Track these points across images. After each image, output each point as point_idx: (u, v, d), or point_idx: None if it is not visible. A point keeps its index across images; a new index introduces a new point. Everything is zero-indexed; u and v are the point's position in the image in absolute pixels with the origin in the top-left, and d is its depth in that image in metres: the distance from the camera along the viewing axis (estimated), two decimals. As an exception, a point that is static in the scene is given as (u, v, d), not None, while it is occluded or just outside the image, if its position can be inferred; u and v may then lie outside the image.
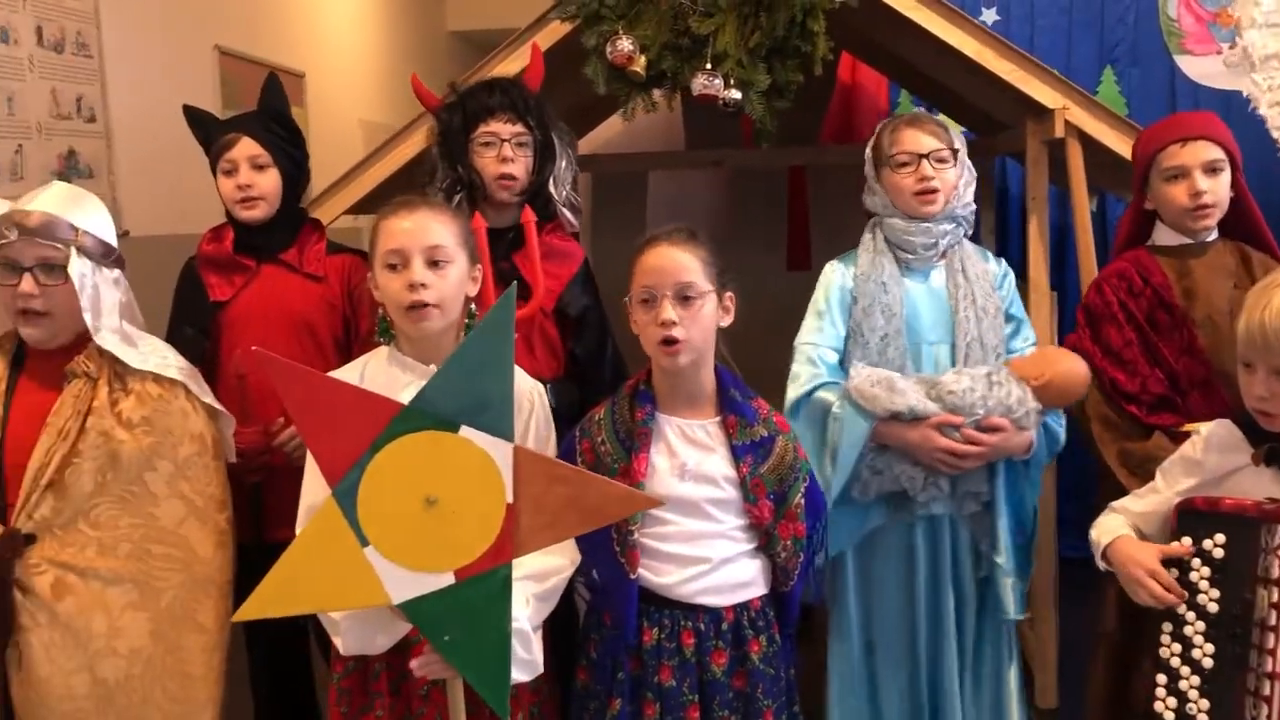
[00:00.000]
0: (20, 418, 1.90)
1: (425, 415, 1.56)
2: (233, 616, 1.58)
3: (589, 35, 2.70)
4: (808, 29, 2.64)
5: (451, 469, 1.57)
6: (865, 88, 4.58)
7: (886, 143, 2.37)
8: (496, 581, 1.60)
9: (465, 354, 1.59)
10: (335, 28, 5.79)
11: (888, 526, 2.35)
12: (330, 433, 1.56)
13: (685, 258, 1.90)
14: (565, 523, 1.63)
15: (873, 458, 2.29)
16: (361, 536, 1.57)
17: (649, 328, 1.91)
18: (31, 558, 1.84)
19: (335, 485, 1.56)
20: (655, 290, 1.90)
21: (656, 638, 1.93)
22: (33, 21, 3.38)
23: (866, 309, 2.35)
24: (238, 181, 2.41)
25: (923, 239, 2.35)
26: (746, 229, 4.71)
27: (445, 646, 1.62)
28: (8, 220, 1.85)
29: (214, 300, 2.44)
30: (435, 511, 1.57)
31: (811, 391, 2.33)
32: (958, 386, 2.23)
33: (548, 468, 1.63)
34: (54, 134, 3.48)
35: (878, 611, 2.40)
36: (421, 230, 1.84)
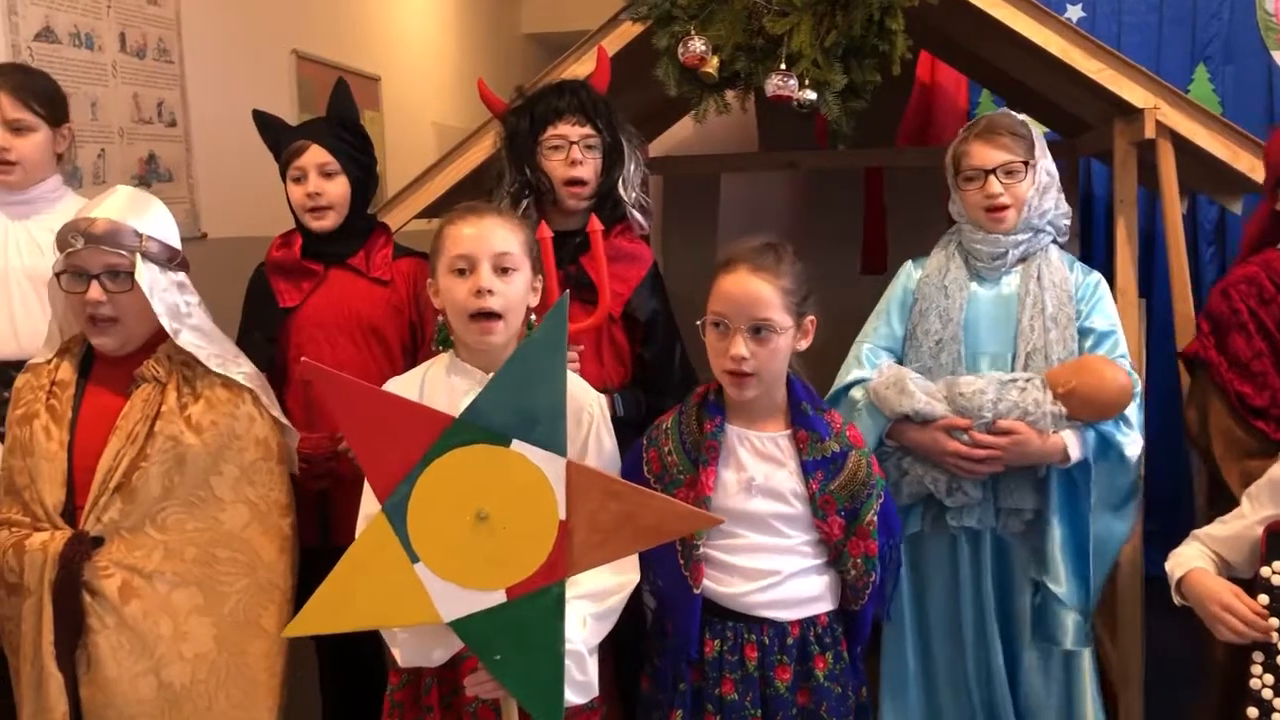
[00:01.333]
0: (89, 422, 1.91)
1: (476, 428, 1.54)
2: (284, 631, 1.56)
3: (660, 36, 2.66)
4: (886, 27, 2.57)
5: (503, 484, 1.55)
6: (944, 87, 4.48)
7: (955, 155, 2.31)
8: (549, 600, 1.57)
9: (516, 366, 1.56)
10: (411, 31, 5.84)
11: (930, 535, 2.28)
12: (380, 446, 1.54)
13: (765, 290, 1.83)
14: (620, 541, 1.59)
15: (898, 459, 2.24)
16: (412, 552, 1.55)
17: (718, 356, 1.87)
18: (100, 560, 1.85)
19: (385, 500, 1.54)
20: (729, 321, 1.85)
21: (719, 650, 1.89)
22: (116, 28, 3.45)
23: (924, 311, 2.29)
24: (307, 189, 2.41)
25: (990, 249, 2.28)
26: (820, 232, 4.63)
27: (497, 666, 1.59)
28: (74, 228, 1.86)
29: (283, 306, 2.45)
30: (486, 527, 1.54)
31: (848, 387, 2.29)
32: (969, 389, 2.17)
33: (602, 483, 1.60)
34: (135, 138, 3.55)
35: (929, 620, 2.34)
36: (490, 236, 1.82)
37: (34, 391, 1.95)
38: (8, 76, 2.36)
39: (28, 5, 3.06)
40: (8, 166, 2.32)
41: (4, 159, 2.31)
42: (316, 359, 2.36)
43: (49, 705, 1.82)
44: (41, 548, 1.83)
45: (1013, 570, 2.28)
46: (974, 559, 2.28)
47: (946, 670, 2.32)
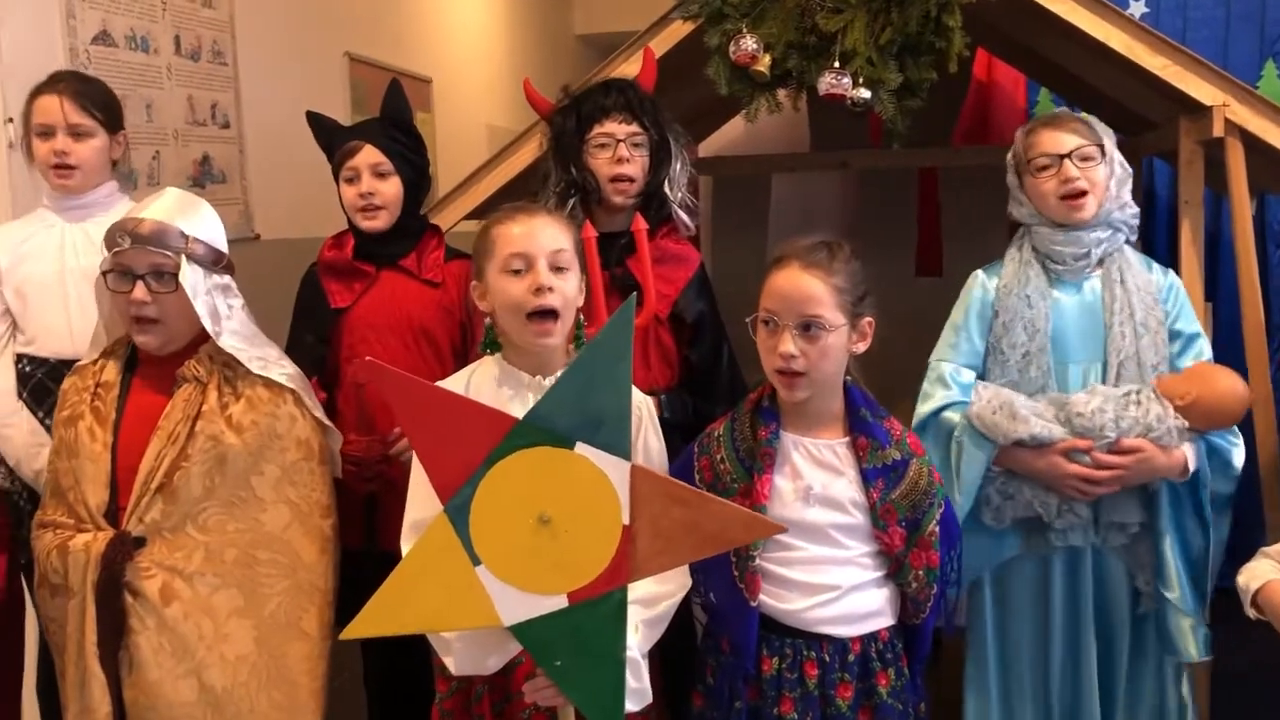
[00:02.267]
0: (132, 422, 1.91)
1: (540, 431, 1.52)
2: (341, 634, 1.55)
3: (711, 34, 2.63)
4: (943, 24, 2.51)
5: (566, 487, 1.53)
6: (1002, 86, 4.39)
7: (1024, 147, 2.22)
8: (611, 606, 1.55)
9: (581, 368, 1.54)
10: (463, 33, 5.86)
11: (1023, 556, 2.20)
12: (444, 446, 1.53)
13: (816, 287, 1.78)
14: (683, 547, 1.57)
15: (1003, 482, 2.15)
16: (473, 555, 1.53)
17: (768, 354, 1.82)
18: (141, 561, 1.85)
19: (448, 501, 1.52)
20: (778, 317, 1.80)
21: (777, 667, 1.84)
22: (171, 31, 3.49)
23: (1007, 324, 2.20)
24: (360, 189, 2.40)
25: (1073, 249, 2.19)
26: (873, 233, 4.56)
27: (556, 672, 1.57)
28: (121, 228, 1.87)
29: (334, 307, 2.44)
30: (549, 531, 1.52)
31: (939, 411, 2.20)
32: (1086, 408, 2.08)
33: (666, 488, 1.57)
34: (190, 140, 3.58)
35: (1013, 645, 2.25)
36: (544, 234, 1.80)
37: (79, 393, 1.96)
38: (68, 83, 2.39)
39: (85, 9, 3.09)
40: (67, 170, 2.35)
41: (64, 163, 2.34)
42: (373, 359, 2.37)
43: (93, 706, 1.82)
44: (84, 549, 1.84)
45: (1109, 585, 2.20)
46: (1070, 576, 2.20)
47: (1032, 691, 2.24)
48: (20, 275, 2.35)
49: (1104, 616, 2.20)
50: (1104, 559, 2.19)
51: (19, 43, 2.83)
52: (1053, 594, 2.20)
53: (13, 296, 2.36)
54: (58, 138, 2.34)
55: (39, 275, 2.35)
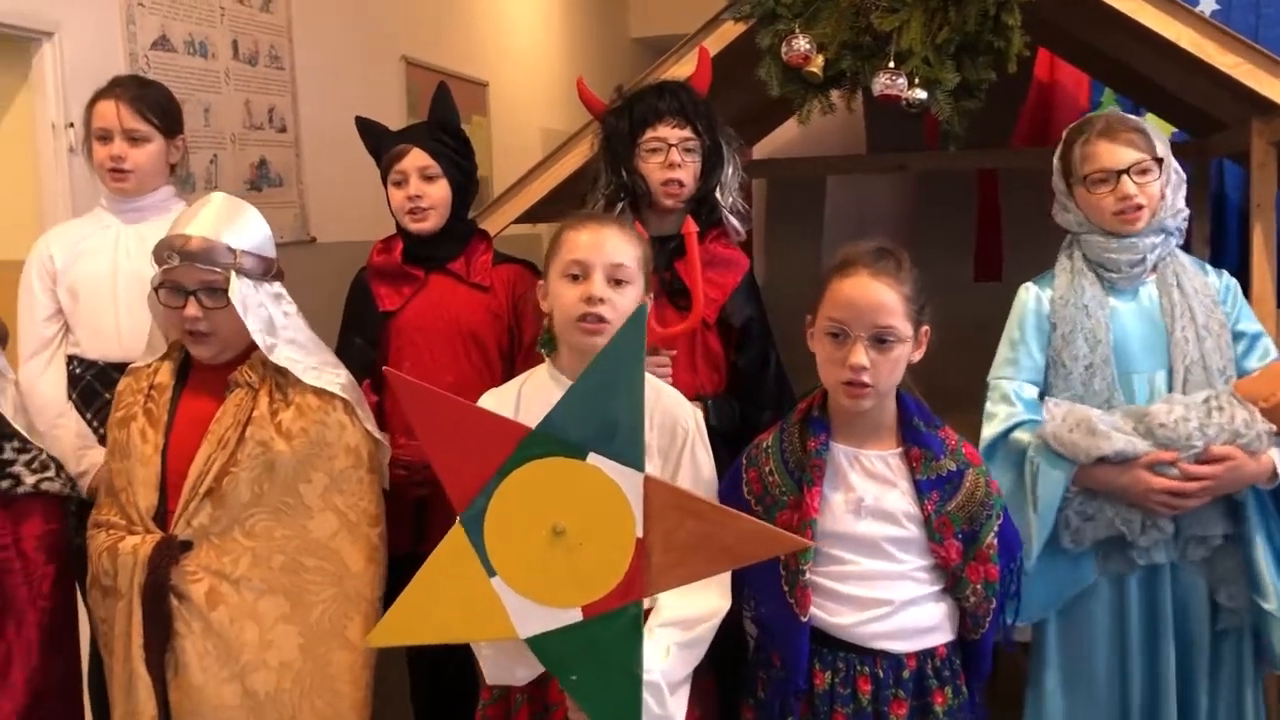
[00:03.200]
0: (184, 426, 1.92)
1: (552, 440, 1.50)
2: (364, 641, 1.54)
3: (763, 35, 2.59)
4: (1002, 23, 2.45)
5: (579, 498, 1.51)
6: (1064, 85, 4.30)
7: (1078, 158, 2.14)
8: (626, 621, 1.52)
9: (592, 377, 1.52)
10: (519, 37, 5.88)
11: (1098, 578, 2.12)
12: (458, 456, 1.52)
13: (889, 296, 1.73)
14: (698, 561, 1.53)
15: (1081, 502, 2.07)
16: (489, 566, 1.52)
17: (834, 366, 1.76)
18: (188, 565, 1.86)
19: (463, 511, 1.51)
20: (848, 328, 1.74)
21: (830, 682, 1.79)
22: (229, 36, 3.53)
23: (1067, 336, 2.13)
24: (408, 192, 2.40)
25: (1127, 256, 2.12)
26: (931, 237, 4.48)
27: (572, 687, 1.56)
28: (169, 245, 1.87)
29: (383, 310, 2.44)
30: (563, 543, 1.51)
31: (1007, 432, 2.13)
32: (1169, 418, 2.00)
33: (680, 500, 1.54)
34: (247, 144, 3.62)
35: (1084, 668, 2.16)
36: (608, 245, 1.78)
37: (133, 394, 1.97)
38: (125, 88, 2.41)
39: (145, 15, 3.14)
40: (123, 174, 2.38)
41: (119, 167, 2.37)
42: (415, 364, 2.37)
43: (139, 707, 1.83)
44: (132, 551, 1.85)
45: (1188, 602, 2.12)
46: (1148, 595, 2.11)
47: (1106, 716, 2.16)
48: (74, 275, 2.38)
49: (1182, 634, 2.11)
50: (1181, 574, 2.11)
51: (80, 49, 2.88)
52: (1129, 614, 2.11)
53: (65, 296, 2.39)
54: (114, 142, 2.36)
55: (92, 275, 2.38)
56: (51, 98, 2.82)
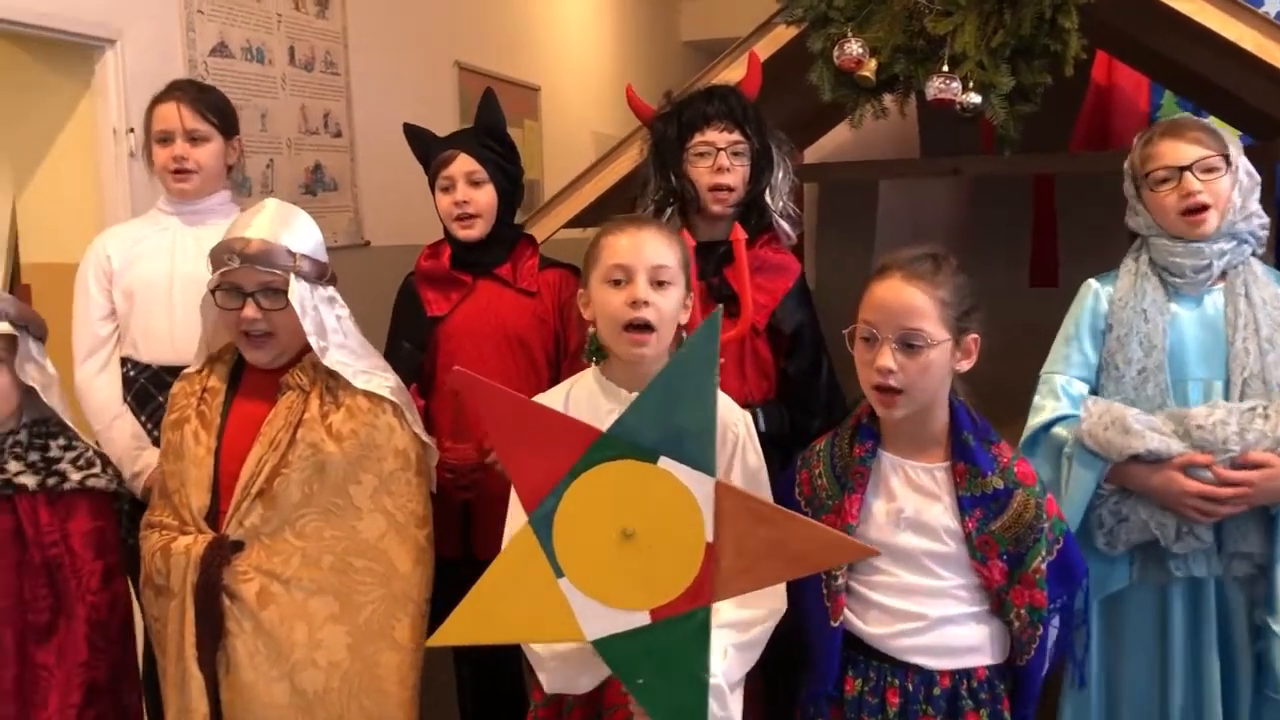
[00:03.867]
0: (236, 428, 1.94)
1: (623, 443, 1.49)
2: (427, 640, 1.55)
3: (815, 39, 2.58)
4: (1058, 26, 2.41)
5: (649, 502, 1.50)
6: (1123, 89, 4.23)
7: (1141, 158, 2.10)
8: (694, 625, 1.51)
9: (665, 381, 1.51)
10: (571, 41, 5.90)
11: (1137, 585, 2.09)
12: (528, 456, 1.51)
13: (919, 299, 1.70)
14: (768, 568, 1.52)
15: (1116, 502, 2.04)
16: (557, 567, 1.51)
17: (865, 369, 1.75)
18: (240, 565, 1.88)
19: (532, 511, 1.51)
20: (876, 330, 1.72)
21: (859, 689, 1.78)
22: (286, 42, 3.58)
23: (1122, 338, 2.09)
24: (455, 198, 2.42)
25: (1192, 261, 2.06)
26: (985, 242, 4.44)
27: (639, 690, 1.54)
28: (228, 248, 1.89)
29: (431, 315, 2.46)
30: (632, 545, 1.50)
31: (1049, 425, 2.10)
32: (1207, 420, 1.96)
33: (751, 506, 1.52)
34: (302, 149, 3.67)
35: (1124, 686, 2.12)
36: (648, 247, 1.77)
37: (187, 397, 2.00)
38: (185, 90, 2.45)
39: (204, 21, 3.20)
40: (185, 175, 2.41)
41: (182, 167, 2.40)
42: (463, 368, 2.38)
43: (191, 705, 1.85)
44: (185, 551, 1.87)
45: (1232, 618, 2.07)
46: (1192, 609, 2.07)
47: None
48: (130, 276, 2.41)
49: (1226, 651, 2.07)
50: (1225, 589, 2.06)
51: (141, 56, 2.94)
52: (1172, 628, 2.07)
53: (121, 298, 2.41)
54: (176, 143, 2.40)
55: (148, 277, 2.40)
56: (113, 103, 2.89)
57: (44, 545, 1.88)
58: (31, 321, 1.96)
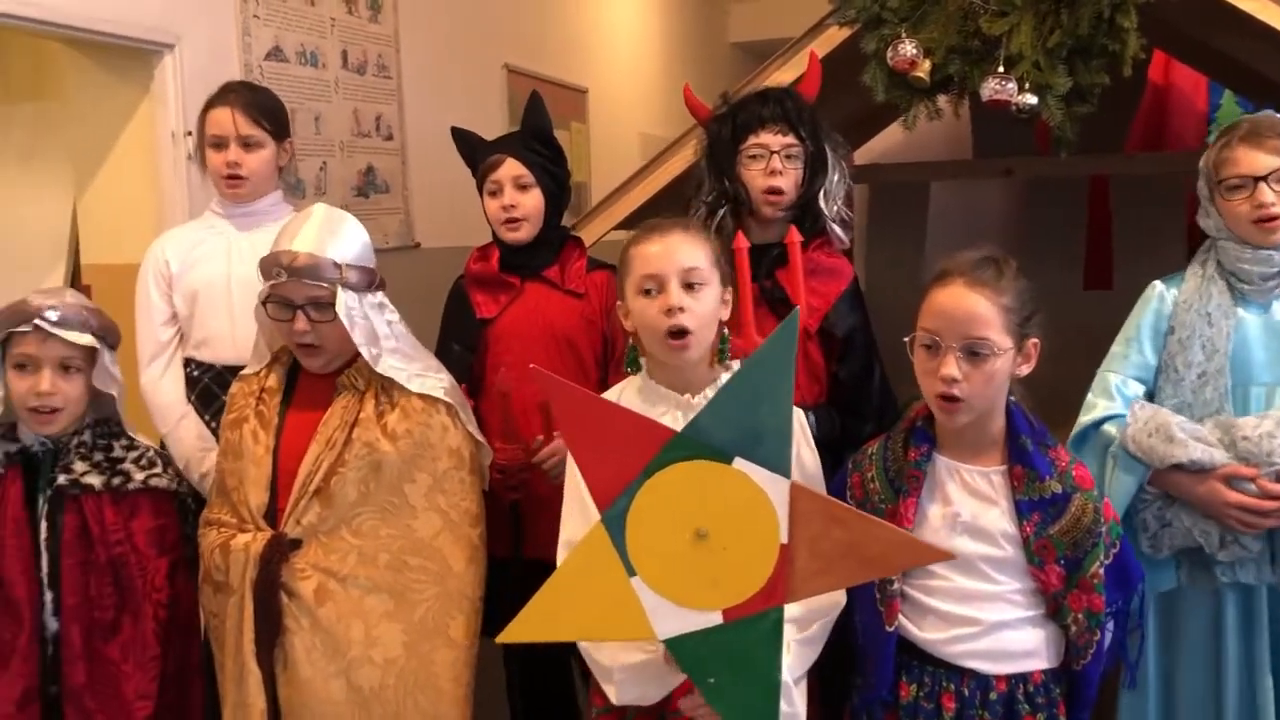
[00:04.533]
0: (294, 427, 1.97)
1: (698, 444, 1.50)
2: (497, 638, 1.55)
3: (869, 40, 2.57)
4: (1117, 25, 2.38)
5: (723, 502, 1.50)
6: (1180, 88, 4.16)
7: (1216, 162, 2.06)
8: (767, 626, 1.51)
9: (741, 382, 1.51)
10: (618, 43, 5.91)
11: (1187, 589, 2.06)
12: (602, 456, 1.52)
13: (983, 307, 1.68)
14: (843, 570, 1.52)
15: (1160, 507, 2.01)
16: (629, 566, 1.52)
17: (927, 378, 1.73)
18: (298, 562, 1.90)
19: (605, 510, 1.51)
20: (940, 339, 1.70)
21: (914, 695, 1.76)
22: (339, 46, 3.62)
23: (1184, 341, 2.06)
24: (502, 202, 2.43)
25: (1261, 269, 2.04)
26: (1039, 244, 4.38)
27: (710, 690, 1.54)
28: (276, 261, 1.91)
29: (480, 318, 2.47)
30: (705, 546, 1.50)
31: (1099, 423, 2.08)
32: (1254, 431, 1.93)
33: (827, 508, 1.52)
34: (355, 151, 3.71)
35: (1182, 689, 2.10)
36: (676, 252, 1.77)
37: (245, 397, 2.03)
38: (239, 94, 2.47)
39: (260, 26, 3.24)
40: (238, 180, 2.43)
41: (235, 173, 2.43)
42: (512, 370, 2.39)
43: (249, 700, 1.88)
44: (244, 548, 1.90)
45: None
46: (1245, 616, 2.05)
47: None
48: (189, 281, 2.44)
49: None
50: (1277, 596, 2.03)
51: (198, 60, 2.98)
52: (1225, 632, 2.05)
53: (182, 301, 2.45)
54: (230, 149, 2.42)
55: (206, 281, 2.44)
56: (171, 107, 2.93)
57: (109, 544, 1.92)
58: (110, 332, 2.00)
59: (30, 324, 1.90)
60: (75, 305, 1.97)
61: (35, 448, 1.96)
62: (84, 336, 1.92)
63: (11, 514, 1.90)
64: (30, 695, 1.86)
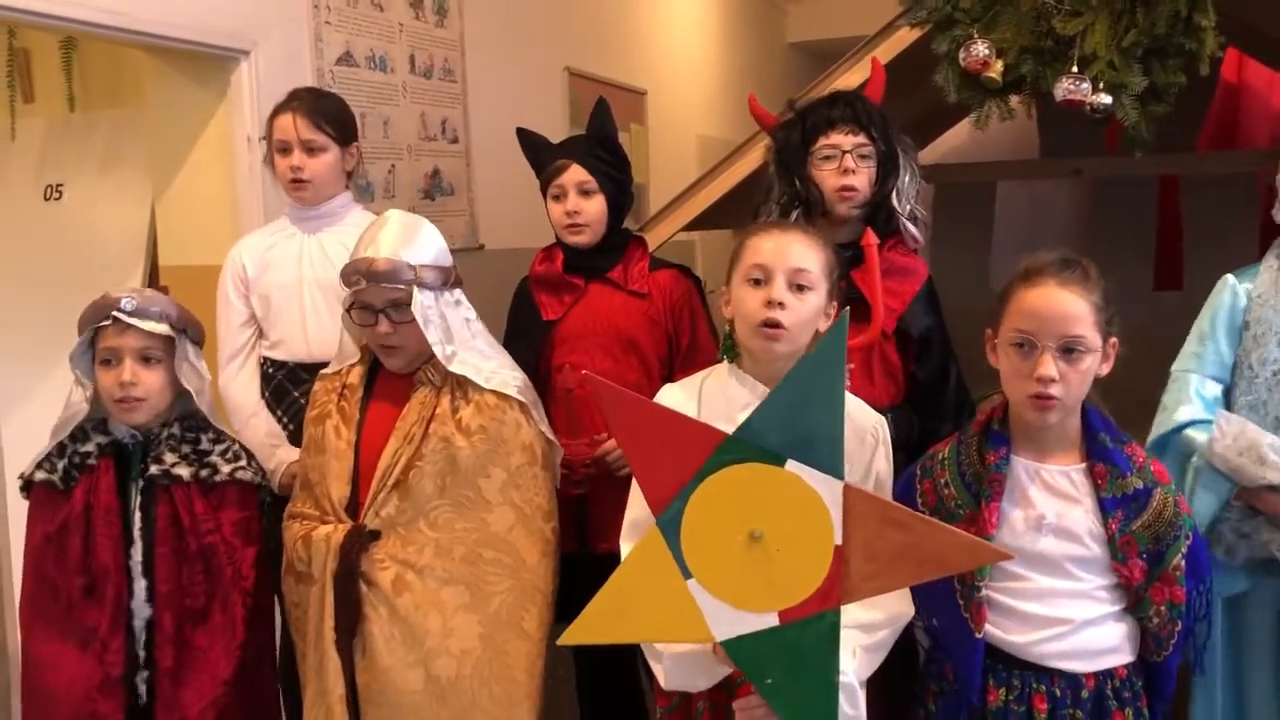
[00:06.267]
0: (374, 423, 2.01)
1: (750, 446, 1.50)
2: (559, 640, 1.58)
3: (940, 41, 2.55)
4: (1194, 24, 2.35)
5: (777, 504, 1.50)
6: (1253, 87, 4.07)
7: None
8: (823, 627, 1.51)
9: (792, 384, 1.51)
10: (677, 45, 5.91)
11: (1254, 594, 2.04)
12: (655, 460, 1.53)
13: (1079, 306, 1.69)
14: (898, 571, 1.51)
15: (1239, 519, 1.99)
16: (685, 569, 1.53)
17: (1020, 379, 1.72)
18: (377, 553, 1.94)
19: (660, 514, 1.53)
20: (1036, 339, 1.70)
21: (1004, 699, 1.75)
22: (407, 50, 3.67)
23: (1259, 337, 2.03)
24: (566, 207, 2.46)
25: None
26: (1107, 244, 4.32)
27: (768, 690, 1.55)
28: (355, 269, 1.96)
29: (545, 319, 2.51)
30: (760, 548, 1.50)
31: (1182, 428, 2.06)
32: None
33: (881, 510, 1.52)
34: (421, 154, 3.76)
35: (1252, 690, 2.08)
36: (790, 250, 1.78)
37: (328, 394, 2.08)
38: (302, 100, 2.51)
39: (331, 32, 3.30)
40: (301, 184, 2.48)
41: (298, 178, 2.47)
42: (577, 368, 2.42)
43: (329, 687, 1.92)
44: (325, 539, 1.95)
45: None
46: None
47: None
48: (264, 283, 2.51)
49: None
50: None
51: (272, 66, 3.04)
52: None
53: (258, 303, 2.52)
54: (294, 154, 2.46)
55: (280, 284, 2.50)
56: (247, 112, 2.98)
57: (200, 533, 1.96)
58: (190, 325, 2.05)
59: (109, 317, 1.95)
60: (152, 297, 2.02)
61: (126, 439, 2.02)
62: (160, 326, 1.97)
63: (104, 502, 1.95)
64: (111, 682, 1.90)
